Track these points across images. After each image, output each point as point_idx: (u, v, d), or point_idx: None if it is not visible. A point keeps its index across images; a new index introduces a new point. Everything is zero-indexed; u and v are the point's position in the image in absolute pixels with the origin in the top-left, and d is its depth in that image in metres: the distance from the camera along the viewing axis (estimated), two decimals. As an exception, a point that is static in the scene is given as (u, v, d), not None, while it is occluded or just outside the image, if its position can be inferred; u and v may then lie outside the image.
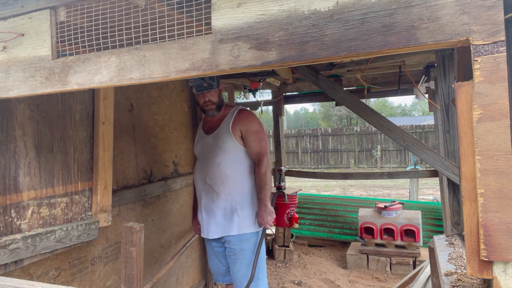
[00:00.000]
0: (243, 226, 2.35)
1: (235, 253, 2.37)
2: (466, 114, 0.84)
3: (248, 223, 2.35)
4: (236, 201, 2.35)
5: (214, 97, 2.39)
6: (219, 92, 2.43)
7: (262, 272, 2.42)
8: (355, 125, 23.75)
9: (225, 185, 2.35)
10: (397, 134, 2.78)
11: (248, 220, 2.36)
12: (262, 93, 7.76)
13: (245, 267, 2.36)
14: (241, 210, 2.35)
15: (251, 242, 2.37)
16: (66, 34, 1.30)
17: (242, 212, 2.35)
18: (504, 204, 0.80)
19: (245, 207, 2.36)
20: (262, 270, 2.43)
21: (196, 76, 1.10)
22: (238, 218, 2.34)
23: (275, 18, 0.98)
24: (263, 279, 2.41)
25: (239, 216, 2.34)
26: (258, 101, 5.11)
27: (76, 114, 2.03)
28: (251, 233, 2.37)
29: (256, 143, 2.37)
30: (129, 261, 1.84)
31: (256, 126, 2.40)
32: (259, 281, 2.37)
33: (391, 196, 9.44)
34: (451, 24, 0.83)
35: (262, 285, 2.39)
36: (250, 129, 2.37)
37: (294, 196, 4.72)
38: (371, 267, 4.22)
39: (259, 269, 2.38)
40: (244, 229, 2.35)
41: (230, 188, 2.35)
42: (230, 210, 2.36)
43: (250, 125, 2.38)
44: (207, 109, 2.42)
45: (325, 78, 3.11)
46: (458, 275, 1.24)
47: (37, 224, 1.82)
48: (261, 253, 2.42)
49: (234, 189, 2.35)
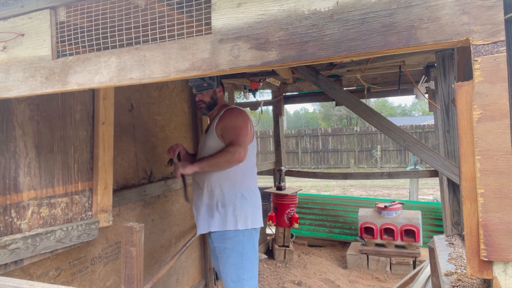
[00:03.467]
0: (223, 223, 2.32)
1: (219, 251, 2.36)
2: (466, 114, 0.84)
3: (230, 221, 2.31)
4: (218, 197, 2.35)
5: (206, 97, 2.43)
6: (212, 93, 2.44)
7: (247, 273, 2.32)
8: (355, 125, 23.75)
9: (208, 181, 2.37)
10: (397, 134, 2.78)
11: (230, 217, 2.31)
12: (262, 93, 7.75)
13: (229, 266, 2.31)
14: (222, 207, 2.33)
15: (234, 241, 2.31)
16: (66, 34, 1.30)
17: (224, 210, 2.33)
18: (504, 204, 0.80)
19: (227, 205, 2.33)
20: (248, 271, 2.33)
21: (196, 76, 1.10)
22: (219, 215, 2.33)
23: (275, 18, 0.98)
24: (248, 280, 2.32)
25: (219, 213, 2.33)
26: (258, 101, 5.11)
27: (77, 114, 2.03)
28: (234, 231, 2.31)
29: (229, 136, 2.30)
30: (129, 261, 1.84)
31: (235, 121, 2.33)
32: (244, 281, 2.31)
33: (391, 196, 9.44)
34: (451, 24, 0.83)
35: (247, 285, 2.31)
36: (228, 125, 2.33)
37: (294, 196, 4.72)
38: (371, 267, 4.22)
39: (244, 269, 2.31)
40: (224, 226, 2.31)
41: (212, 185, 2.36)
42: (212, 206, 2.36)
43: (228, 121, 2.34)
44: (198, 108, 2.50)
45: (325, 78, 3.11)
46: (458, 275, 1.24)
47: (37, 224, 1.81)
48: (250, 253, 2.35)
49: (216, 186, 2.35)
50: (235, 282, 2.30)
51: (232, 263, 2.31)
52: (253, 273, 2.38)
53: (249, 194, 2.39)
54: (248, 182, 2.42)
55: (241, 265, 2.30)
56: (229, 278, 2.31)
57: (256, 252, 2.43)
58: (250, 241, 2.35)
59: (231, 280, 2.31)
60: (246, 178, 2.40)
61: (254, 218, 2.38)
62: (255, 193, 2.46)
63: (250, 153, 2.41)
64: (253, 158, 2.49)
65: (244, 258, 2.31)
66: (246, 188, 2.39)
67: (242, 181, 2.38)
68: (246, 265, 2.32)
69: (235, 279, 2.30)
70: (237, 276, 2.30)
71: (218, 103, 2.49)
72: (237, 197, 2.34)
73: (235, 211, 2.32)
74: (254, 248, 2.39)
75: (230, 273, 2.31)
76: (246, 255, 2.32)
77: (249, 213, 2.36)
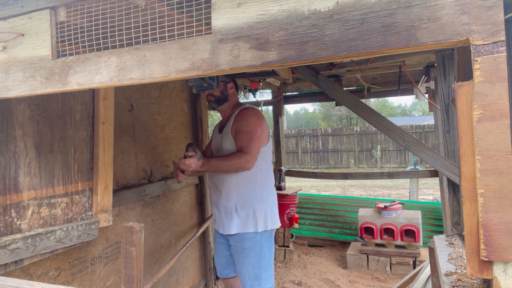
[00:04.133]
0: (244, 226, 2.34)
1: (237, 250, 2.39)
2: (466, 114, 0.84)
3: (250, 223, 2.34)
4: (237, 200, 2.35)
5: (215, 91, 2.45)
6: (223, 88, 2.46)
7: (265, 272, 2.38)
8: (355, 125, 23.75)
9: (227, 184, 2.37)
10: (397, 134, 2.78)
11: (250, 220, 2.34)
12: (262, 93, 7.75)
13: (247, 265, 2.35)
14: (241, 209, 2.35)
15: (252, 241, 2.34)
16: (66, 34, 1.30)
17: (243, 212, 2.34)
18: (504, 204, 0.80)
19: (247, 207, 2.35)
20: (266, 270, 2.39)
21: (196, 76, 1.10)
22: (238, 218, 2.35)
23: (275, 18, 0.98)
24: (266, 279, 2.38)
25: (239, 216, 2.35)
26: (258, 101, 5.11)
27: (77, 114, 2.03)
28: (252, 233, 2.34)
29: (240, 141, 2.28)
30: (129, 261, 1.84)
31: (247, 125, 2.31)
32: (261, 280, 2.36)
33: (391, 196, 9.43)
34: (451, 24, 0.83)
35: (265, 284, 2.37)
36: (241, 128, 2.31)
37: (294, 196, 4.72)
38: (371, 267, 4.22)
39: (262, 268, 2.36)
40: (244, 229, 2.34)
41: (232, 187, 2.36)
42: (230, 209, 2.37)
43: (242, 124, 2.33)
44: (208, 101, 2.51)
45: (325, 78, 3.11)
46: (458, 275, 1.24)
47: (37, 224, 1.82)
48: (268, 253, 2.39)
49: (234, 189, 2.35)
50: (252, 280, 2.35)
51: (250, 262, 2.35)
52: (271, 272, 2.43)
53: (267, 195, 2.41)
54: (266, 182, 2.43)
55: (258, 265, 2.34)
56: (247, 276, 2.36)
57: (273, 251, 2.47)
58: (268, 241, 2.39)
59: (249, 278, 2.35)
60: (264, 179, 2.41)
61: (272, 218, 2.41)
62: (272, 193, 2.48)
63: (266, 154, 2.42)
64: (269, 157, 2.50)
65: (262, 258, 2.35)
66: (265, 189, 2.40)
67: (261, 183, 2.38)
68: (263, 264, 2.36)
69: (253, 277, 2.35)
70: (255, 275, 2.34)
71: (230, 99, 2.49)
72: (256, 200, 2.35)
73: (255, 213, 2.34)
74: (271, 248, 2.44)
75: (248, 271, 2.35)
76: (263, 255, 2.36)
77: (268, 214, 2.38)
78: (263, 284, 2.36)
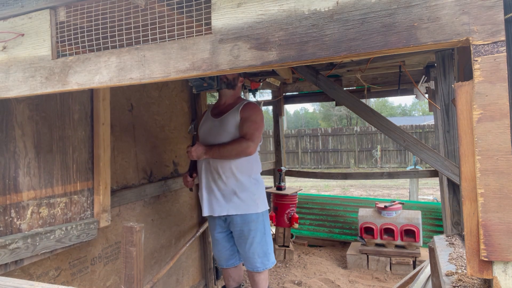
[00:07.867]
0: (245, 207, 2.49)
1: (244, 234, 2.54)
2: (466, 114, 0.84)
3: (251, 205, 2.50)
4: (234, 185, 2.49)
5: (230, 75, 2.59)
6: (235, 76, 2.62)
7: (270, 246, 2.63)
8: (355, 125, 23.75)
9: (227, 167, 2.48)
10: (397, 134, 2.78)
11: (250, 202, 2.50)
12: (262, 93, 7.74)
13: (256, 245, 2.56)
14: (241, 192, 2.49)
15: (257, 222, 2.53)
16: (66, 34, 1.30)
17: (243, 194, 2.49)
18: (504, 204, 0.80)
19: (245, 190, 2.50)
20: (270, 244, 2.64)
21: (196, 76, 1.10)
22: (239, 199, 2.49)
23: (275, 18, 0.98)
24: (271, 253, 2.65)
25: (239, 197, 2.49)
26: (258, 101, 5.11)
27: (75, 114, 2.03)
28: (256, 214, 2.52)
29: (247, 128, 2.46)
30: (129, 261, 1.84)
31: (256, 116, 2.51)
32: (269, 255, 2.61)
33: (391, 196, 9.43)
34: (451, 24, 0.83)
35: (271, 258, 2.63)
36: (250, 117, 2.49)
37: (294, 196, 4.71)
38: (371, 267, 4.22)
39: (267, 244, 2.61)
40: (247, 210, 2.49)
41: (230, 172, 2.49)
42: (229, 192, 2.50)
43: (251, 114, 2.51)
44: (220, 78, 2.60)
45: (325, 78, 3.11)
46: (459, 275, 1.24)
47: (37, 224, 1.81)
48: (268, 229, 2.64)
49: (233, 174, 2.49)
50: (261, 257, 2.58)
51: (258, 241, 2.56)
52: (272, 245, 2.71)
53: (259, 179, 2.64)
54: (257, 169, 2.64)
55: (265, 242, 2.60)
56: (256, 255, 2.57)
57: (269, 226, 2.73)
58: (267, 219, 2.65)
59: (258, 256, 2.57)
60: (255, 166, 2.62)
61: (266, 200, 2.67)
62: (261, 179, 2.73)
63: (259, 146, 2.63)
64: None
65: (266, 234, 2.61)
66: (257, 174, 2.62)
67: (255, 169, 2.60)
68: (268, 240, 2.63)
69: (261, 254, 2.58)
70: (263, 252, 2.58)
71: (235, 90, 2.65)
72: (252, 183, 2.54)
73: (254, 195, 2.53)
74: (269, 225, 2.72)
75: (257, 250, 2.57)
76: (267, 232, 2.62)
77: (262, 196, 2.61)
78: (270, 259, 2.63)
